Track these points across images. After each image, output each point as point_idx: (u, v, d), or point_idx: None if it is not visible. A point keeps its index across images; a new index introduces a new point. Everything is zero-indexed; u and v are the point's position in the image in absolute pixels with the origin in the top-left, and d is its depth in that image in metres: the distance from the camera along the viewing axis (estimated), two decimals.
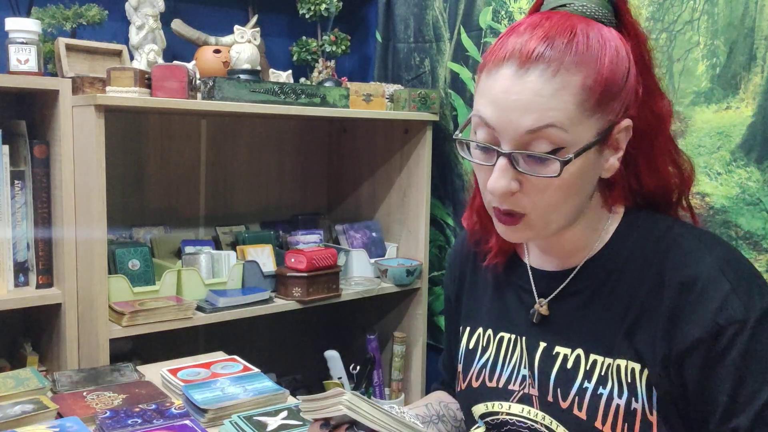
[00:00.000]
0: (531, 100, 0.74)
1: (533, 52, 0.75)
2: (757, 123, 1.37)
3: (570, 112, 0.75)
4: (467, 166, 2.02)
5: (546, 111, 0.74)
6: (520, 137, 0.75)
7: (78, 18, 1.69)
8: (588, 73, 0.75)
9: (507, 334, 0.93)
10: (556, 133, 0.74)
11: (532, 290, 0.91)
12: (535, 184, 0.77)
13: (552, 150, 0.75)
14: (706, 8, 1.43)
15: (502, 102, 0.76)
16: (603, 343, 0.83)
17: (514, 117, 0.75)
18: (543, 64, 0.74)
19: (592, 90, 0.75)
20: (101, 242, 1.47)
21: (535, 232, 0.82)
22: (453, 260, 1.08)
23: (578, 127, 0.75)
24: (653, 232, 0.84)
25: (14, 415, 1.01)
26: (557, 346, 0.86)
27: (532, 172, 0.76)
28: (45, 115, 1.54)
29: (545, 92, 0.74)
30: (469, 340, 0.99)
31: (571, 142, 0.75)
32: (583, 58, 0.75)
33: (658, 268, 0.80)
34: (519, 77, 0.75)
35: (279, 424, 1.03)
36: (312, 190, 2.32)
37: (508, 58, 0.76)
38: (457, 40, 2.01)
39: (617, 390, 0.80)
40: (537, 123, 0.74)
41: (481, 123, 0.79)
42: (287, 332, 2.27)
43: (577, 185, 0.79)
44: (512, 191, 0.78)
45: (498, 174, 0.77)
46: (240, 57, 1.77)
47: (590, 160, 0.78)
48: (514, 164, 0.77)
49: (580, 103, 0.75)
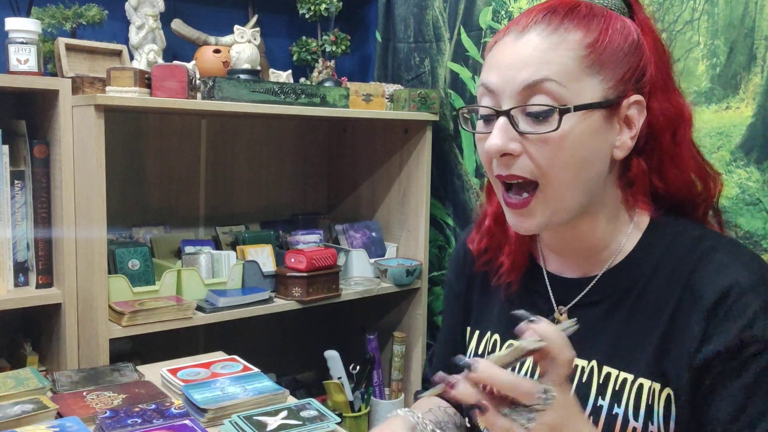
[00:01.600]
0: (529, 55, 0.75)
1: (533, 18, 0.76)
2: (757, 123, 1.37)
3: (568, 67, 0.74)
4: (468, 166, 2.02)
5: (542, 64, 0.74)
6: (518, 94, 0.75)
7: (78, 18, 1.69)
8: (589, 32, 0.75)
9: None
10: (553, 87, 0.74)
11: (550, 297, 0.87)
12: (536, 144, 0.75)
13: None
14: (706, 8, 1.43)
15: (501, 63, 0.77)
16: (621, 356, 0.79)
17: (512, 73, 0.75)
18: (543, 24, 0.76)
19: (592, 47, 0.75)
20: (101, 242, 1.47)
21: (547, 216, 0.78)
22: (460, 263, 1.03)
23: (578, 84, 0.74)
24: (683, 242, 0.80)
25: (14, 415, 1.01)
26: (575, 358, 0.84)
27: (531, 130, 0.75)
28: (45, 115, 1.53)
29: (542, 47, 0.75)
30: (478, 345, 0.96)
31: (570, 100, 0.74)
32: (583, 20, 0.76)
33: (688, 282, 0.77)
34: (518, 39, 0.76)
35: (279, 423, 1.03)
36: (312, 190, 2.32)
37: (510, 29, 0.78)
38: (457, 40, 2.01)
39: (633, 410, 0.77)
40: (533, 76, 0.74)
41: (484, 90, 0.79)
42: (287, 332, 2.27)
43: (582, 151, 0.76)
44: (511, 152, 0.76)
45: (496, 132, 0.76)
46: (240, 57, 1.77)
47: (595, 124, 0.76)
48: (514, 124, 0.75)
49: (579, 58, 0.74)
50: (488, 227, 0.92)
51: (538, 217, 0.79)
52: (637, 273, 0.81)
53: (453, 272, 1.06)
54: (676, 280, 0.78)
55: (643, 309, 0.80)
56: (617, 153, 0.79)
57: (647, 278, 0.80)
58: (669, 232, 0.82)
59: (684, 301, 0.77)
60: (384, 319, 2.17)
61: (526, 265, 0.91)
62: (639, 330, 0.79)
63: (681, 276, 0.78)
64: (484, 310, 0.97)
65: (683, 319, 0.76)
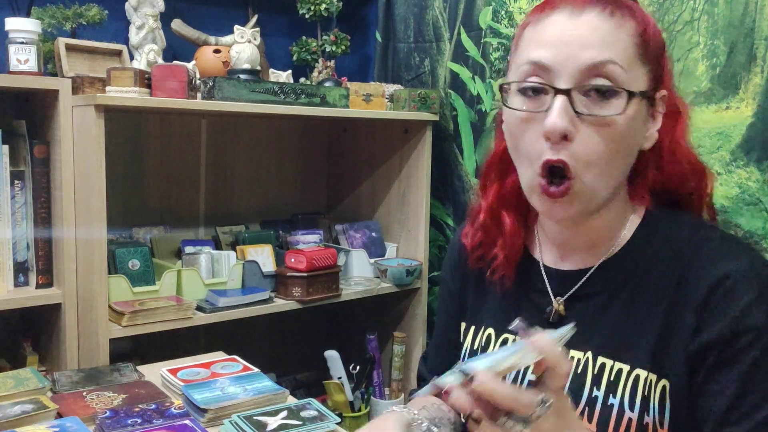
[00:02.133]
0: (591, 35, 0.72)
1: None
2: (757, 123, 1.37)
3: (628, 51, 0.73)
4: (468, 166, 2.02)
5: (606, 45, 0.72)
6: (580, 73, 0.72)
7: (78, 18, 1.69)
8: (639, 22, 0.75)
9: (512, 336, 0.89)
10: (615, 70, 0.72)
11: (546, 290, 0.87)
12: (592, 129, 0.73)
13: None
14: (706, 8, 1.43)
15: (558, 40, 0.73)
16: (617, 347, 0.80)
17: (573, 51, 0.72)
18: (598, 6, 0.74)
19: (645, 37, 0.75)
20: (101, 242, 1.47)
21: (583, 205, 0.77)
22: (455, 259, 1.03)
23: (634, 71, 0.74)
24: (678, 233, 0.81)
25: (14, 415, 1.01)
26: (572, 350, 0.83)
27: (594, 112, 0.73)
28: (45, 115, 1.53)
29: (604, 28, 0.73)
30: (474, 340, 0.96)
31: (629, 85, 0.73)
32: (633, 9, 0.75)
33: (684, 273, 0.77)
34: (575, 17, 0.74)
35: (279, 423, 1.03)
36: (312, 190, 2.32)
37: (558, 5, 0.75)
38: (457, 40, 2.01)
39: (628, 401, 0.77)
40: (599, 56, 0.72)
41: (534, 68, 0.75)
42: (287, 332, 2.27)
43: (630, 139, 0.76)
44: (570, 134, 0.73)
45: (557, 113, 0.72)
46: (240, 57, 1.77)
47: (642, 113, 0.76)
48: (573, 105, 0.73)
49: (635, 45, 0.74)
50: (483, 222, 0.92)
51: (576, 205, 0.77)
52: (634, 265, 0.82)
53: (448, 269, 1.05)
54: (671, 271, 0.78)
55: (640, 300, 0.80)
56: (645, 144, 0.79)
57: (643, 270, 0.81)
58: (665, 225, 0.83)
59: (679, 292, 0.77)
60: (384, 319, 2.17)
61: (519, 259, 0.91)
62: (635, 321, 0.79)
63: (677, 267, 0.78)
64: (479, 306, 0.97)
65: (679, 310, 0.77)
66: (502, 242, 0.91)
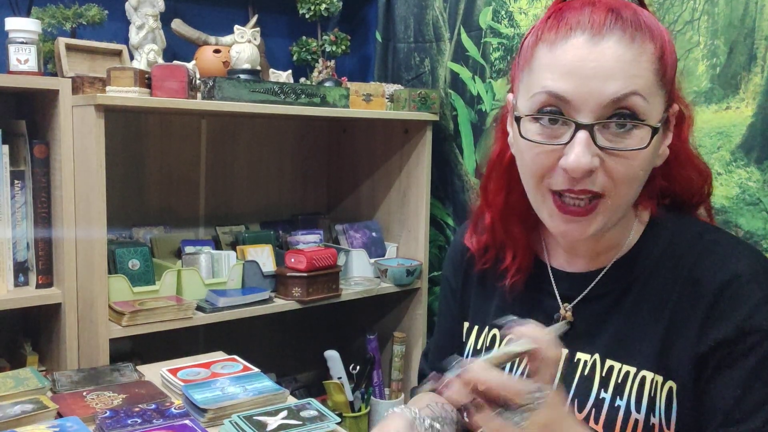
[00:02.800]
0: (613, 66, 0.70)
1: (605, 20, 0.71)
2: (757, 123, 1.37)
3: (649, 81, 0.71)
4: (468, 166, 2.02)
5: (630, 77, 0.70)
6: (602, 107, 0.70)
7: (78, 18, 1.69)
8: (658, 45, 0.73)
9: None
10: (639, 102, 0.70)
11: (555, 293, 0.87)
12: (616, 159, 0.72)
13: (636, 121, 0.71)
14: (706, 8, 1.43)
15: (578, 71, 0.70)
16: (623, 349, 0.80)
17: (596, 85, 0.70)
18: (619, 31, 0.71)
19: (663, 61, 0.73)
20: (101, 242, 1.47)
21: (603, 222, 0.76)
22: (457, 261, 1.03)
23: (655, 98, 0.72)
24: (684, 236, 0.81)
25: (14, 414, 1.01)
26: (578, 352, 0.83)
27: (616, 146, 0.71)
28: (45, 115, 1.53)
29: (626, 57, 0.70)
30: (477, 341, 0.96)
31: (650, 115, 0.72)
32: (651, 29, 0.73)
33: (691, 274, 0.77)
34: (595, 44, 0.70)
35: (279, 423, 1.03)
36: (312, 190, 2.32)
37: (576, 28, 0.72)
38: (457, 40, 2.01)
39: (635, 403, 0.77)
40: (623, 90, 0.70)
41: (551, 98, 0.73)
42: (287, 332, 2.27)
43: (649, 165, 0.75)
44: (593, 169, 0.71)
45: (581, 149, 0.70)
46: (240, 57, 1.77)
47: (659, 139, 0.75)
48: (594, 139, 0.71)
49: (656, 72, 0.72)
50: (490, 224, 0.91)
51: (597, 224, 0.76)
52: (640, 267, 0.82)
53: (450, 268, 1.05)
54: (678, 273, 0.79)
55: (646, 302, 0.80)
56: (658, 161, 0.79)
57: (649, 272, 0.81)
58: (670, 227, 0.83)
59: (686, 293, 0.77)
60: (384, 319, 2.17)
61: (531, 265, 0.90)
62: (642, 323, 0.80)
63: (683, 269, 0.78)
64: (482, 305, 0.97)
65: (686, 311, 0.77)
66: (512, 252, 0.90)
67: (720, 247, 0.78)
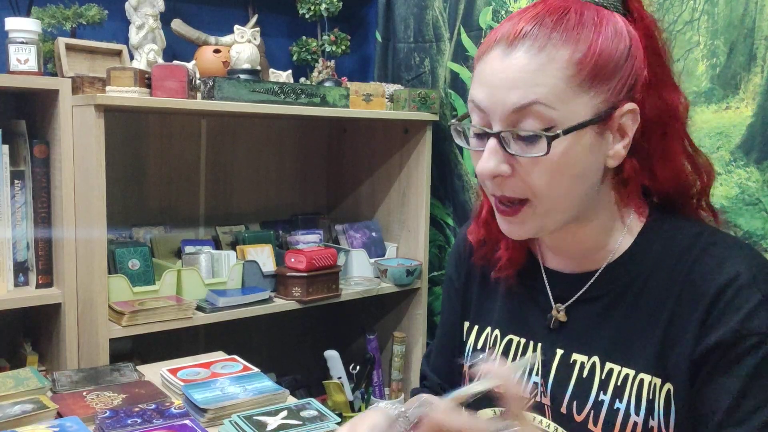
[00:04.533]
0: (516, 77, 0.73)
1: (520, 31, 0.74)
2: (757, 123, 1.37)
3: (557, 88, 0.72)
4: (468, 166, 2.02)
5: (531, 87, 0.72)
6: (507, 116, 0.74)
7: (78, 18, 1.69)
8: (578, 48, 0.73)
9: (516, 338, 0.90)
10: (542, 110, 0.72)
11: (548, 293, 0.88)
12: (527, 166, 0.75)
13: (541, 129, 0.73)
14: (706, 8, 1.43)
15: (490, 82, 0.75)
16: (622, 351, 0.80)
17: (501, 95, 0.74)
18: (530, 40, 0.73)
19: (582, 64, 0.73)
20: (101, 242, 1.47)
21: (538, 224, 0.79)
22: (460, 255, 1.03)
23: (569, 104, 0.73)
24: (681, 237, 0.81)
25: (14, 414, 1.01)
26: (575, 353, 0.83)
27: (522, 153, 0.74)
28: (45, 115, 1.54)
29: (530, 67, 0.73)
30: (477, 340, 0.96)
31: (561, 120, 0.73)
32: (572, 33, 0.73)
33: (689, 277, 0.77)
34: (506, 55, 0.74)
35: (279, 423, 1.03)
36: (312, 190, 2.32)
37: (498, 40, 0.76)
38: (457, 40, 2.01)
39: (634, 405, 0.78)
40: (522, 100, 0.72)
41: (474, 107, 0.78)
42: (287, 332, 2.27)
43: (575, 169, 0.76)
44: (502, 173, 0.75)
45: (487, 155, 0.75)
46: (240, 57, 1.77)
47: (587, 141, 0.75)
48: (504, 146, 0.75)
49: (568, 78, 0.73)
50: (485, 219, 0.92)
51: (528, 225, 0.79)
52: (636, 269, 0.82)
53: (452, 266, 1.05)
54: (675, 275, 0.78)
55: (644, 304, 0.80)
56: (611, 162, 0.78)
57: (647, 274, 0.81)
58: (666, 229, 0.82)
59: (684, 296, 0.77)
60: (384, 319, 2.17)
61: (523, 261, 0.91)
62: (640, 325, 0.80)
63: (681, 271, 0.78)
64: (483, 305, 0.97)
65: (684, 314, 0.77)
66: (506, 243, 0.91)
67: (718, 249, 0.78)
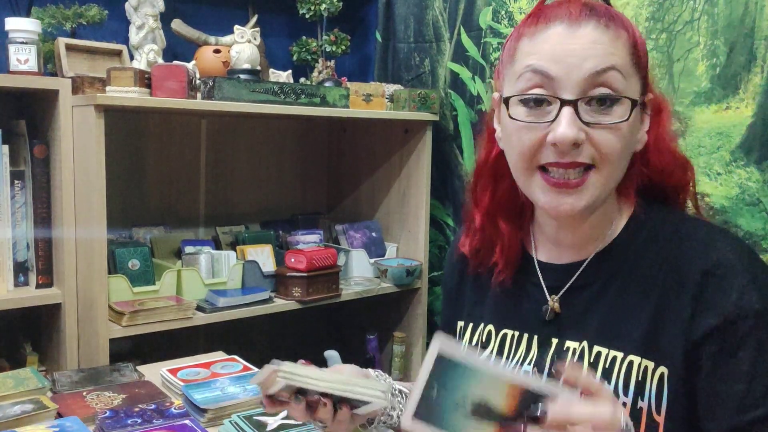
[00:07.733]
0: (591, 47, 0.76)
1: (581, 12, 0.77)
2: (757, 123, 1.37)
3: (626, 60, 0.77)
4: (468, 166, 2.02)
5: (607, 55, 0.76)
6: (583, 82, 0.75)
7: (78, 18, 1.69)
8: (629, 33, 0.79)
9: (511, 331, 0.92)
10: (617, 77, 0.76)
11: (542, 285, 0.90)
12: (601, 133, 0.77)
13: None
14: (706, 8, 1.43)
15: (559, 51, 0.77)
16: (611, 335, 0.82)
17: (575, 62, 0.76)
18: (594, 19, 0.77)
19: (635, 47, 0.79)
20: (101, 242, 1.47)
21: (597, 194, 0.79)
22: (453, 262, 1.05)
23: (631, 79, 0.78)
24: (666, 224, 0.84)
25: (14, 414, 1.01)
26: (567, 340, 0.85)
27: (599, 120, 0.76)
28: (45, 115, 1.54)
29: (603, 39, 0.76)
30: (471, 337, 0.97)
31: (628, 92, 0.77)
32: (623, 21, 0.79)
33: (675, 260, 0.80)
34: (573, 31, 0.77)
35: (279, 423, 1.03)
36: (312, 190, 2.32)
37: (554, 20, 0.78)
38: (457, 40, 2.01)
39: (622, 386, 0.79)
40: (601, 64, 0.75)
41: (536, 76, 0.78)
42: (287, 332, 2.27)
43: (631, 141, 0.80)
44: (580, 141, 0.76)
45: (566, 121, 0.75)
46: (240, 57, 1.77)
47: (637, 120, 0.80)
48: (579, 114, 0.76)
49: (631, 54, 0.78)
50: (480, 225, 0.93)
51: (587, 197, 0.79)
52: (624, 255, 0.84)
53: (447, 271, 1.08)
54: (662, 260, 0.81)
55: (632, 289, 0.82)
56: (638, 146, 0.83)
57: (633, 260, 0.83)
58: (653, 217, 0.85)
59: (670, 280, 0.79)
60: (384, 319, 2.17)
61: (520, 260, 0.93)
62: (628, 310, 0.82)
63: (667, 256, 0.81)
64: (476, 303, 0.99)
65: (671, 297, 0.79)
66: (501, 246, 0.93)
67: (701, 234, 0.81)
